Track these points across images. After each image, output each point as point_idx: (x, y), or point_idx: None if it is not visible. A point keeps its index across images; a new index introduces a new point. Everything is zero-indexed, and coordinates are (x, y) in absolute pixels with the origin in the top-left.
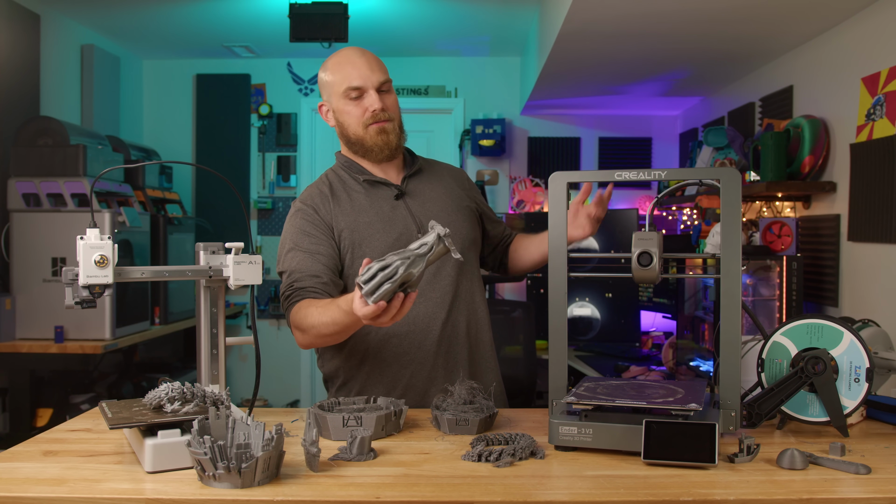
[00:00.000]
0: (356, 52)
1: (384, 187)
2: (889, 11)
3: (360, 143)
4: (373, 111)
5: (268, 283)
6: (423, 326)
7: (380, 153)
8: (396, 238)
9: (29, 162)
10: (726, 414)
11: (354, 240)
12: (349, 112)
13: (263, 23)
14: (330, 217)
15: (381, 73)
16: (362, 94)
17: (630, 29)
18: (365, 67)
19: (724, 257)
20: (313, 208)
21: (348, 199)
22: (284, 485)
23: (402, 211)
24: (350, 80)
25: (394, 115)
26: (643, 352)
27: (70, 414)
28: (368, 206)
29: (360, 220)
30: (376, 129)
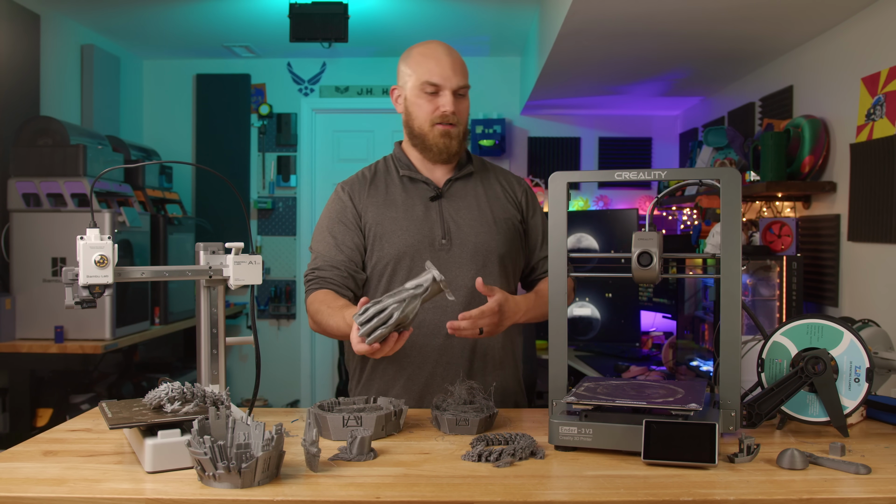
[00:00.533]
0: (444, 50)
1: (424, 186)
2: (889, 11)
3: (421, 139)
4: (443, 112)
5: (268, 283)
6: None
7: (438, 155)
8: (420, 240)
9: (29, 162)
10: (726, 414)
11: (378, 233)
12: (420, 106)
13: (263, 23)
14: (362, 206)
15: (462, 77)
16: (438, 92)
17: (630, 29)
18: (448, 67)
19: (724, 257)
20: (349, 195)
21: (385, 190)
22: (284, 485)
23: (434, 213)
24: (430, 75)
25: (462, 122)
26: (643, 352)
27: (70, 414)
28: (401, 202)
29: (388, 214)
30: (441, 130)
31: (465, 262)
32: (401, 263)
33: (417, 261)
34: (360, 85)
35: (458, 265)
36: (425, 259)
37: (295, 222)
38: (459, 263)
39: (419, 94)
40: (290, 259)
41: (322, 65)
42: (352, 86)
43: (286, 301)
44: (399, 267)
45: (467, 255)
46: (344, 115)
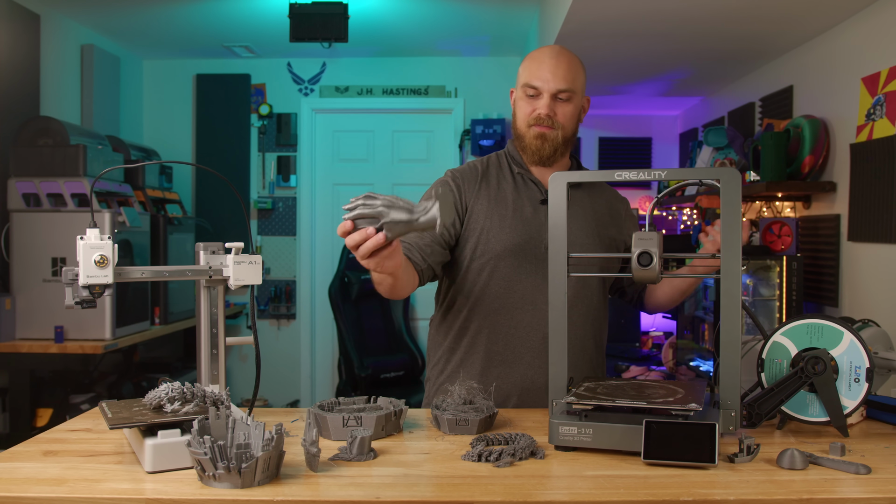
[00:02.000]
0: (550, 53)
1: (535, 187)
2: (889, 11)
3: (520, 139)
4: (537, 114)
5: (268, 283)
6: (524, 334)
7: (532, 156)
8: (525, 241)
9: (29, 162)
10: (726, 414)
11: (485, 227)
12: (521, 107)
13: (263, 23)
14: (470, 196)
15: (564, 81)
16: (537, 95)
17: (630, 29)
18: (548, 71)
19: (724, 257)
20: (458, 184)
21: (497, 185)
22: (284, 485)
23: (541, 217)
24: (530, 77)
25: (562, 125)
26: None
27: (70, 414)
28: (511, 201)
29: (497, 210)
30: (536, 132)
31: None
32: (502, 262)
33: (521, 261)
34: (360, 85)
35: None
36: (529, 262)
37: (295, 222)
38: None
39: (522, 97)
40: (290, 259)
41: (322, 65)
42: (352, 86)
43: (286, 301)
44: (499, 265)
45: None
46: (344, 115)
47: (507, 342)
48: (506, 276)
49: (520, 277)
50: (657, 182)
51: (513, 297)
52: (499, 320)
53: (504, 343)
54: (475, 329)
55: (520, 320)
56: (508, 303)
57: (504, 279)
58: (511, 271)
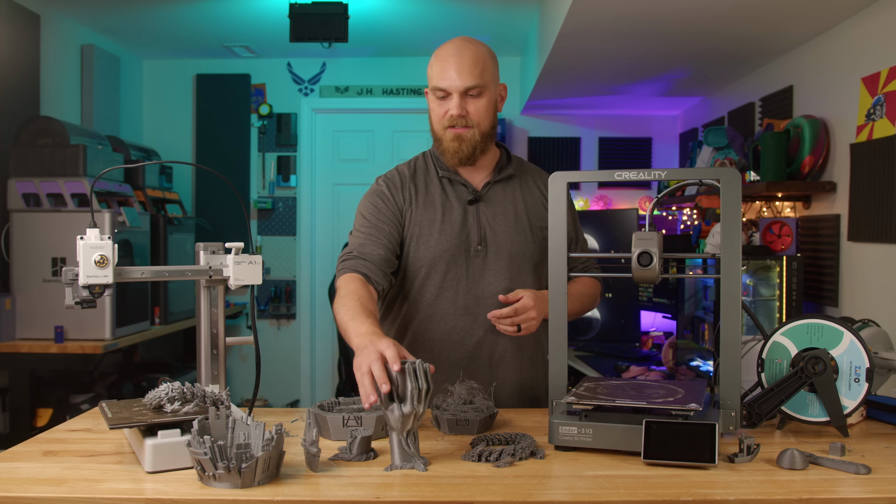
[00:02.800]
0: (453, 50)
1: (462, 188)
2: (889, 11)
3: (438, 142)
4: (450, 115)
5: (268, 283)
6: (458, 340)
7: (451, 158)
8: (456, 245)
9: (29, 162)
10: (726, 414)
11: (415, 233)
12: (433, 110)
13: (263, 23)
14: (402, 200)
15: (472, 77)
16: (446, 96)
17: (630, 29)
18: (452, 70)
19: (724, 257)
20: (389, 189)
21: (424, 190)
22: (284, 485)
23: (471, 218)
24: (437, 80)
25: (477, 122)
26: (643, 352)
27: (70, 414)
28: (440, 205)
29: (426, 215)
30: (452, 134)
31: (500, 269)
32: (435, 268)
33: (452, 266)
34: (360, 85)
35: (492, 272)
36: (460, 265)
37: (295, 222)
38: (494, 271)
39: (433, 98)
40: (290, 259)
41: (322, 65)
42: (352, 86)
43: (286, 301)
44: (433, 271)
45: (503, 262)
46: (344, 115)
47: (443, 348)
48: (437, 283)
49: (452, 282)
50: (657, 182)
51: (445, 303)
52: (433, 327)
53: (440, 349)
54: (411, 337)
55: (453, 326)
56: (441, 309)
57: (436, 286)
58: (442, 277)
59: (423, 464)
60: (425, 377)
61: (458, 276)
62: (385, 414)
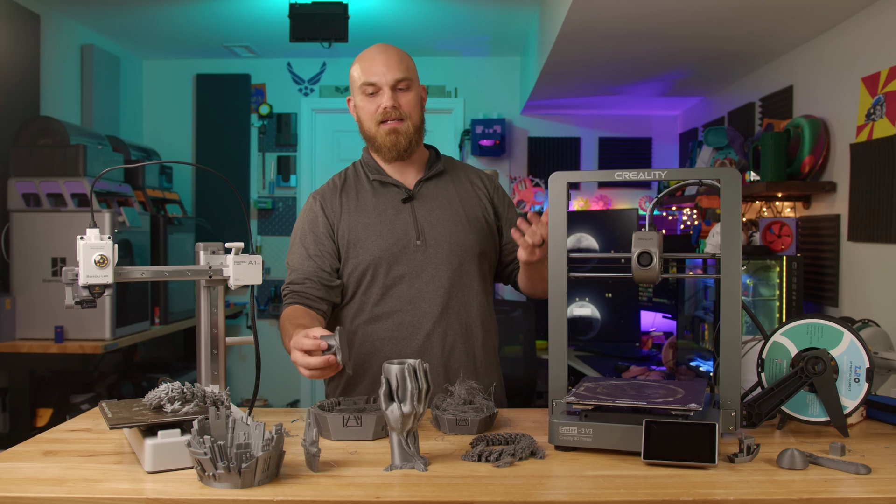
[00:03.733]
0: (378, 49)
1: (395, 189)
2: (889, 11)
3: (372, 141)
4: (383, 108)
5: (268, 283)
6: (407, 334)
7: (388, 153)
8: (394, 243)
9: (29, 162)
10: (726, 414)
11: (351, 240)
12: (364, 108)
13: (263, 23)
14: (334, 214)
15: (399, 70)
16: (377, 91)
17: (630, 29)
18: (381, 64)
19: (724, 257)
20: (321, 205)
21: (356, 196)
22: (284, 485)
23: (406, 215)
24: (366, 75)
25: (409, 115)
26: (643, 352)
27: (70, 414)
28: (372, 207)
29: (360, 220)
30: (387, 128)
31: (442, 261)
32: (378, 269)
33: (394, 265)
34: None
35: (434, 265)
36: (402, 263)
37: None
38: (436, 264)
39: (362, 97)
40: None
41: (322, 65)
42: None
43: None
44: (377, 272)
45: (443, 254)
46: (344, 115)
47: (394, 345)
48: (381, 283)
49: (395, 280)
50: (657, 182)
51: (391, 301)
52: (381, 326)
53: (391, 347)
54: (361, 338)
55: (401, 321)
56: (388, 307)
57: (380, 286)
58: (385, 276)
59: (423, 464)
60: (425, 377)
61: (400, 273)
62: (385, 414)
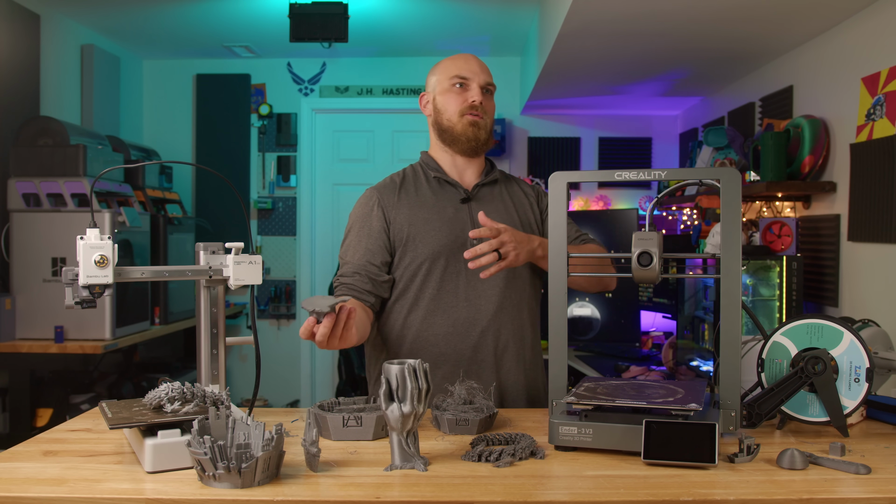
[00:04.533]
0: (471, 55)
1: (453, 189)
2: (889, 11)
3: (450, 131)
4: (472, 102)
5: (268, 283)
6: (462, 331)
7: (466, 143)
8: (452, 240)
9: (29, 162)
10: (726, 414)
11: (410, 233)
12: (450, 99)
13: (263, 23)
14: (391, 208)
15: (489, 76)
16: (467, 86)
17: (630, 29)
18: (476, 65)
19: (724, 257)
20: (378, 199)
21: (415, 193)
22: (284, 485)
23: (463, 215)
24: (460, 70)
25: (489, 117)
26: (643, 352)
27: (70, 414)
28: (432, 204)
29: (420, 215)
30: (469, 120)
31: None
32: (436, 263)
33: (451, 261)
34: (360, 85)
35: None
36: (459, 260)
37: (295, 222)
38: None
39: (449, 90)
40: (290, 259)
41: (322, 65)
42: (352, 86)
43: (286, 301)
44: (434, 266)
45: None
46: (344, 115)
47: (448, 342)
48: (438, 278)
49: (452, 277)
50: (657, 182)
51: (447, 297)
52: (436, 321)
53: (445, 343)
54: (414, 333)
55: (457, 318)
56: (444, 303)
57: (437, 280)
58: (442, 272)
59: (423, 464)
60: (425, 377)
61: (457, 269)
62: (385, 414)
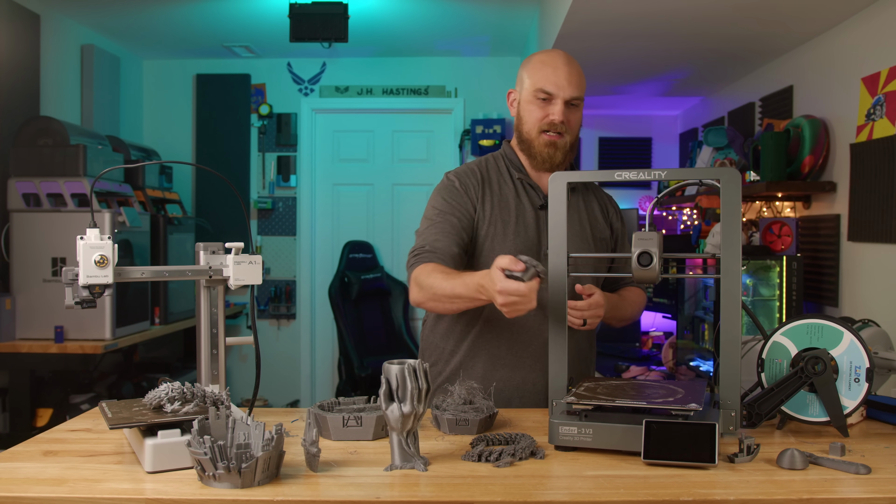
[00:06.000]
0: (563, 59)
1: (533, 193)
2: (889, 11)
3: (528, 144)
4: (551, 120)
5: (268, 283)
6: (527, 339)
7: (542, 164)
8: (529, 246)
9: (29, 162)
10: (726, 414)
11: (490, 232)
12: (531, 111)
13: (263, 23)
14: (476, 196)
15: (577, 88)
16: (550, 100)
17: (630, 29)
18: (563, 77)
19: (724, 257)
20: (462, 184)
21: (498, 189)
22: (284, 485)
23: (541, 222)
24: (545, 82)
25: (571, 131)
26: (643, 352)
27: (70, 414)
28: (513, 206)
29: (501, 216)
30: (547, 139)
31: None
32: None
33: None
34: (360, 85)
35: None
36: None
37: (295, 222)
38: None
39: (532, 100)
40: (290, 259)
41: (322, 65)
42: (352, 86)
43: (286, 301)
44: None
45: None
46: (344, 115)
47: (511, 346)
48: None
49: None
50: (657, 182)
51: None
52: (502, 324)
53: (507, 347)
54: (477, 332)
55: (522, 324)
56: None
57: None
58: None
59: (423, 464)
60: (425, 377)
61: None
62: (385, 414)
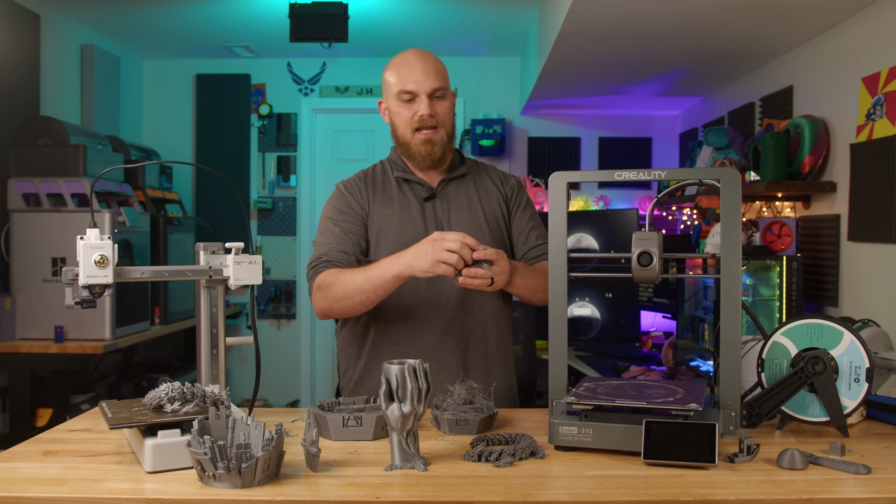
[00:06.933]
0: (416, 56)
1: (419, 186)
2: (889, 11)
3: (406, 147)
4: (420, 116)
5: (268, 283)
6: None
7: (422, 162)
8: (415, 238)
9: (29, 162)
10: (726, 414)
11: (377, 230)
12: (400, 114)
13: (263, 23)
14: (364, 202)
15: (436, 79)
16: (414, 99)
17: (630, 29)
18: (420, 72)
19: (724, 257)
20: (350, 191)
21: (382, 190)
22: (284, 485)
23: (428, 213)
24: (404, 82)
25: (443, 123)
26: (643, 352)
27: (70, 414)
28: (398, 202)
29: (386, 212)
30: (422, 138)
31: None
32: None
33: None
34: (360, 85)
35: None
36: None
37: (295, 222)
38: None
39: (398, 103)
40: (290, 259)
41: (322, 65)
42: (352, 86)
43: (286, 301)
44: None
45: None
46: (344, 115)
47: (409, 339)
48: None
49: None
50: (657, 182)
51: (407, 295)
52: (397, 320)
53: (406, 341)
54: (376, 332)
55: (417, 317)
56: (404, 301)
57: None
58: None
59: (423, 464)
60: (425, 377)
61: None
62: (385, 414)
